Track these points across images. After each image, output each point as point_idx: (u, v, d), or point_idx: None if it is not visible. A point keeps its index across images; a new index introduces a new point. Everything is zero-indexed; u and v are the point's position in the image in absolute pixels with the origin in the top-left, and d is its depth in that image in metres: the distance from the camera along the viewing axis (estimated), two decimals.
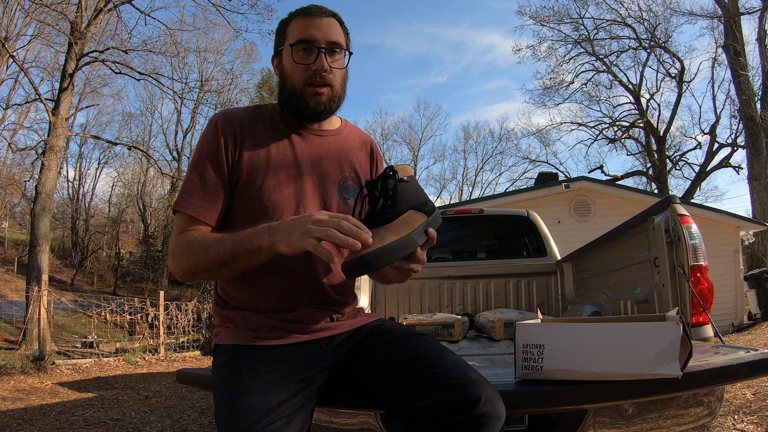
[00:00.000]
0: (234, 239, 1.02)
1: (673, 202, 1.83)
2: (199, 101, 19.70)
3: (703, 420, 1.38)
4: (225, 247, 1.02)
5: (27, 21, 13.79)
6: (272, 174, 1.16)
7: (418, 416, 0.99)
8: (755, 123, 14.34)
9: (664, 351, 1.06)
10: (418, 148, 31.42)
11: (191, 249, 1.06)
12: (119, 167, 28.07)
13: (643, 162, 21.98)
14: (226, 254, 1.02)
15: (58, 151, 9.45)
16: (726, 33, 15.75)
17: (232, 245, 1.01)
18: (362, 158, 1.32)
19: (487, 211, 3.95)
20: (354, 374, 1.15)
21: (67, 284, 20.46)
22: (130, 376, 6.37)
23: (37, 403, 4.66)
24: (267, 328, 1.12)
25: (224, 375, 1.06)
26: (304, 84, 1.16)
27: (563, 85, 21.34)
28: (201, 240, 1.06)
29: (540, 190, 9.78)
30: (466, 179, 31.78)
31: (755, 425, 2.85)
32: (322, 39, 1.14)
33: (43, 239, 9.03)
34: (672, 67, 19.53)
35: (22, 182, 18.89)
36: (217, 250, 1.02)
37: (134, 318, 10.25)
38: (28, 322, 7.81)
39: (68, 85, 9.58)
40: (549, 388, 1.17)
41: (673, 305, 1.77)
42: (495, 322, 2.82)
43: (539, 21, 20.27)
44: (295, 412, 0.98)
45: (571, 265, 3.33)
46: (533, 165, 26.40)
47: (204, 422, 3.83)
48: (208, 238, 1.06)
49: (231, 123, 1.18)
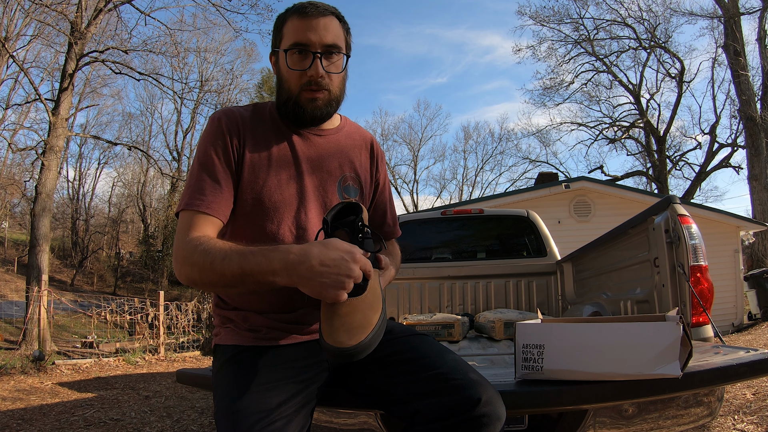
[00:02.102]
0: (242, 263, 0.93)
1: (673, 202, 1.82)
2: (199, 101, 19.71)
3: (703, 420, 1.38)
4: (231, 266, 0.94)
5: (27, 21, 13.80)
6: (273, 174, 1.15)
7: (419, 417, 0.99)
8: (755, 123, 14.34)
9: (664, 351, 1.06)
10: (418, 148, 31.39)
11: (195, 258, 0.98)
12: (119, 167, 28.11)
13: (643, 162, 21.99)
14: (233, 275, 0.94)
15: (58, 151, 9.44)
16: (726, 33, 15.75)
17: (240, 269, 0.93)
18: (363, 157, 1.30)
19: (487, 211, 3.95)
20: (354, 374, 1.15)
21: (67, 284, 20.46)
22: (130, 376, 6.37)
23: (37, 403, 4.66)
24: (267, 328, 1.12)
25: (224, 375, 1.06)
26: (300, 90, 1.13)
27: (563, 85, 21.37)
28: (206, 248, 0.97)
29: (540, 190, 9.78)
30: (466, 179, 31.77)
31: (755, 425, 2.85)
32: (318, 43, 1.10)
33: (43, 239, 9.02)
34: (672, 67, 19.56)
35: (22, 182, 18.91)
36: (223, 268, 0.94)
37: (134, 318, 10.24)
38: (28, 322, 7.81)
39: (68, 85, 9.58)
40: (549, 388, 1.17)
41: (673, 305, 1.77)
42: (495, 322, 2.82)
43: (539, 21, 20.29)
44: (295, 412, 0.98)
45: (571, 265, 3.33)
46: (533, 165, 26.43)
47: (204, 422, 3.83)
48: (214, 249, 0.97)
49: (234, 120, 1.15)
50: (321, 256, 0.90)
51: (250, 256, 0.94)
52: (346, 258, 0.90)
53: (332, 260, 0.90)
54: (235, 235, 1.16)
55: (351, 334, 0.92)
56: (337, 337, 0.91)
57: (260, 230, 1.14)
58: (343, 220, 1.02)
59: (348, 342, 0.90)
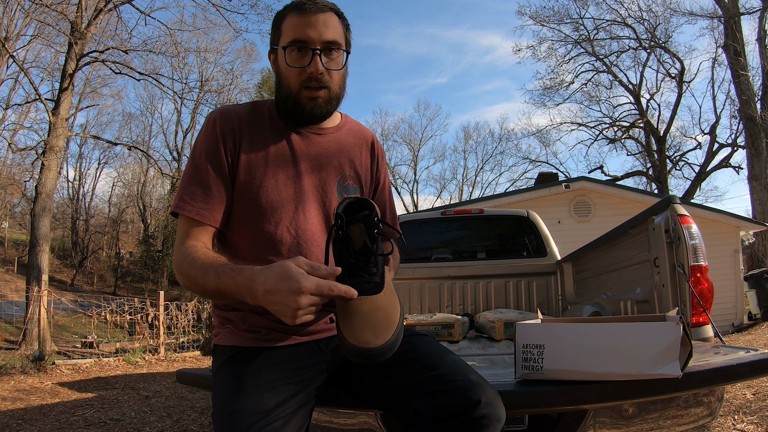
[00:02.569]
0: (217, 282, 0.96)
1: (673, 202, 1.82)
2: (199, 101, 19.71)
3: (703, 420, 1.38)
4: (209, 284, 0.98)
5: (27, 21, 13.79)
6: (271, 174, 1.14)
7: (418, 417, 0.99)
8: (755, 123, 14.33)
9: (664, 351, 1.06)
10: (418, 148, 31.39)
11: (184, 268, 1.03)
12: (119, 167, 28.12)
13: (643, 162, 21.99)
14: (213, 291, 0.99)
15: (58, 151, 9.44)
16: (726, 33, 15.74)
17: (217, 287, 0.97)
18: (363, 156, 1.29)
19: (487, 211, 3.95)
20: (354, 375, 1.14)
21: (67, 284, 20.46)
22: (130, 376, 6.37)
23: (37, 403, 4.66)
24: (266, 329, 1.12)
25: (223, 375, 1.06)
26: (300, 87, 1.11)
27: (563, 85, 21.37)
28: (192, 261, 1.02)
29: (540, 190, 9.78)
30: (466, 179, 31.77)
31: (755, 425, 2.85)
32: (317, 39, 1.08)
33: (43, 239, 9.03)
34: (672, 67, 19.55)
35: (22, 182, 18.91)
36: (204, 283, 0.99)
37: (134, 318, 10.25)
38: (28, 322, 7.81)
39: (68, 85, 9.58)
40: (549, 388, 1.17)
41: (673, 305, 1.77)
42: (495, 322, 2.82)
43: (539, 21, 20.29)
44: (293, 413, 0.98)
45: (571, 265, 3.33)
46: (533, 165, 26.43)
47: (204, 422, 3.83)
48: (197, 263, 1.01)
49: (229, 121, 1.14)
50: (265, 285, 0.87)
51: (223, 276, 0.96)
52: (289, 290, 0.85)
53: (276, 290, 0.86)
54: (238, 236, 1.16)
55: (377, 333, 0.88)
56: (362, 336, 0.87)
57: (259, 231, 1.13)
58: (356, 215, 0.99)
59: (375, 342, 0.86)
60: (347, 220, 0.98)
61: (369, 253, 0.97)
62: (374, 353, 0.86)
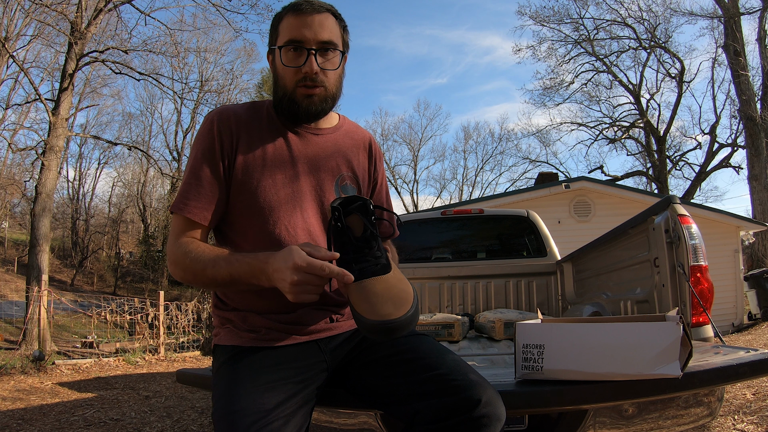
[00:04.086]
0: (231, 270, 1.02)
1: (673, 202, 1.82)
2: (199, 101, 19.73)
3: (703, 420, 1.38)
4: (221, 273, 1.02)
5: (27, 21, 13.78)
6: (268, 174, 1.14)
7: (418, 417, 0.99)
8: (755, 123, 14.34)
9: (664, 351, 1.06)
10: (418, 148, 31.37)
11: (186, 262, 1.06)
12: (119, 167, 28.12)
13: (643, 162, 21.99)
14: (224, 280, 1.03)
15: (58, 151, 9.45)
16: (726, 33, 15.75)
17: (230, 275, 1.02)
18: (361, 156, 1.29)
19: (487, 211, 3.95)
20: (354, 375, 1.14)
21: (67, 284, 20.46)
22: (130, 376, 6.37)
23: (37, 403, 4.66)
24: (266, 329, 1.12)
25: (222, 375, 1.06)
26: (295, 86, 1.13)
27: (563, 85, 21.37)
28: (196, 256, 1.05)
29: (540, 190, 9.77)
30: (466, 179, 31.76)
31: (755, 425, 2.85)
32: (313, 39, 1.10)
33: (43, 239, 9.03)
34: (672, 67, 19.56)
35: (22, 182, 18.91)
36: (214, 274, 1.03)
37: (134, 318, 10.24)
38: (28, 322, 7.81)
39: (68, 85, 9.58)
40: (549, 388, 1.17)
41: (673, 305, 1.77)
42: (495, 322, 2.82)
43: (539, 21, 20.30)
44: (293, 413, 0.98)
45: (571, 265, 3.33)
46: (533, 165, 26.42)
47: (204, 422, 3.83)
48: (203, 257, 1.05)
49: (227, 121, 1.15)
50: (274, 265, 0.96)
51: (236, 264, 1.02)
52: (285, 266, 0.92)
53: (279, 268, 0.94)
54: (240, 235, 1.16)
55: (397, 305, 0.90)
56: (382, 310, 0.88)
57: (259, 231, 1.13)
58: (352, 206, 1.02)
59: (396, 313, 0.88)
60: (344, 211, 1.01)
61: (371, 237, 1.00)
62: (397, 324, 0.87)
